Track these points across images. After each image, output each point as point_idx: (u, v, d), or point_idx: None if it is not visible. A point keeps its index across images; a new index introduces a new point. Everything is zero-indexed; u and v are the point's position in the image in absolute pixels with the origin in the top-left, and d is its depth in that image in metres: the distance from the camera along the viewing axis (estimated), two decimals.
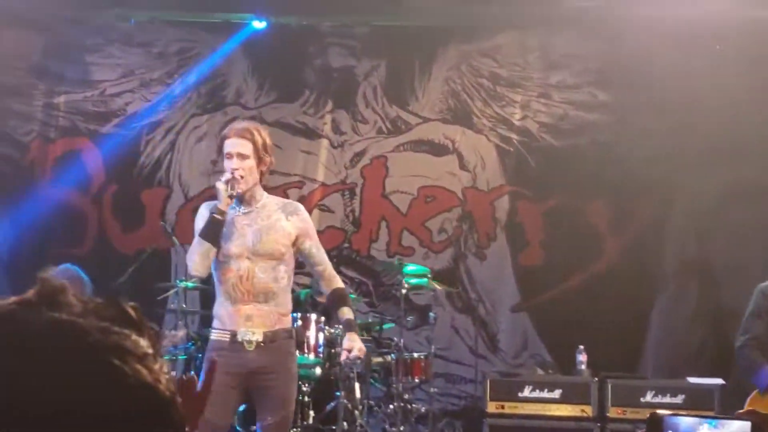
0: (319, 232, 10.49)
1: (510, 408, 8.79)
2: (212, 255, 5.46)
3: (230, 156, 5.46)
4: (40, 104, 10.85)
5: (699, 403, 8.48)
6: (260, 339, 5.46)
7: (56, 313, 0.99)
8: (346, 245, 10.76)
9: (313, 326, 9.02)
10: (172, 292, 9.30)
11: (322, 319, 9.04)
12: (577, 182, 10.53)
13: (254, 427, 8.32)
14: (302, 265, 10.48)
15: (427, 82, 10.88)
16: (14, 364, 0.94)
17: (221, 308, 5.57)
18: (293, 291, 10.29)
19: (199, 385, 1.49)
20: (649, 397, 8.71)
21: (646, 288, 10.39)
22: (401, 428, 8.77)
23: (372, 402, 9.17)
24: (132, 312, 1.06)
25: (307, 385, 8.93)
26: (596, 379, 8.87)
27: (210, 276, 5.61)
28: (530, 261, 10.59)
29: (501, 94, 10.84)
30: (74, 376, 0.94)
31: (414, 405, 9.16)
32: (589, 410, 8.75)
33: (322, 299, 9.38)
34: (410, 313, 9.60)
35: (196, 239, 5.50)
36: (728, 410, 7.34)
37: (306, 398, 8.85)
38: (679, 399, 8.65)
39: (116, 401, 0.96)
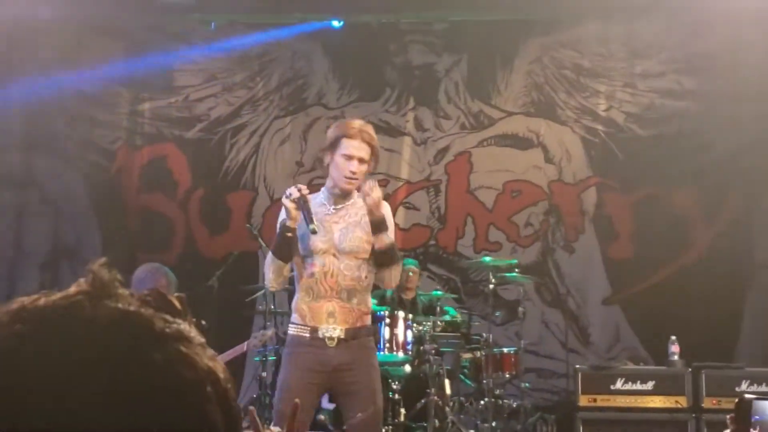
0: (404, 230, 10.65)
1: (602, 401, 8.63)
2: (286, 272, 5.40)
3: (350, 158, 5.37)
4: (125, 112, 10.99)
5: None
6: (342, 336, 5.31)
7: (116, 304, 0.97)
8: (432, 242, 10.70)
9: (401, 324, 8.97)
10: (260, 293, 9.32)
11: (410, 316, 9.00)
12: (665, 172, 10.34)
13: (345, 426, 8.33)
14: None
15: (509, 75, 10.79)
16: (88, 357, 0.92)
17: (302, 303, 5.36)
18: (379, 288, 10.31)
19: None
20: (744, 386, 8.50)
21: (738, 276, 10.17)
22: (493, 424, 8.68)
23: (463, 398, 9.09)
24: (177, 303, 1.05)
25: (396, 383, 8.89)
26: (690, 369, 8.67)
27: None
28: (620, 253, 10.42)
29: (585, 84, 10.71)
30: (148, 365, 0.93)
31: (505, 401, 9.06)
32: (683, 401, 8.56)
33: (406, 295, 9.36)
34: (499, 308, 9.50)
35: (270, 255, 5.42)
36: None
37: (396, 396, 8.80)
38: None
39: (190, 387, 0.95)
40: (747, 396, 4.20)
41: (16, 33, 10.57)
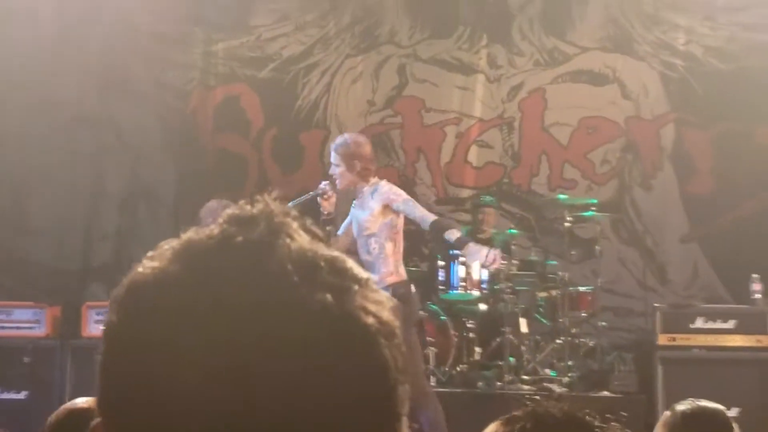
0: (477, 168, 10.57)
1: (682, 340, 8.51)
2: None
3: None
4: (199, 52, 10.99)
5: None
6: None
7: (293, 242, 0.91)
8: (506, 180, 10.61)
9: (476, 263, 8.95)
10: (329, 227, 9.31)
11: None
12: (746, 107, 10.10)
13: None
14: (459, 202, 10.46)
15: (585, 10, 10.57)
16: (269, 299, 0.88)
17: None
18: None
19: None
20: None
21: None
22: (569, 363, 8.63)
23: (538, 337, 9.05)
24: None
25: (471, 321, 8.88)
26: None
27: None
28: (699, 189, 10.24)
29: (663, 18, 10.47)
30: (331, 311, 0.89)
31: (582, 339, 9.01)
32: (765, 340, 8.40)
33: (483, 234, 9.30)
34: (574, 246, 9.40)
35: None
36: None
37: (471, 335, 8.80)
38: None
39: (370, 335, 0.91)
40: None
41: None
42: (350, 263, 0.93)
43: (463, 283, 8.95)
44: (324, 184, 6.98)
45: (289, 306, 0.87)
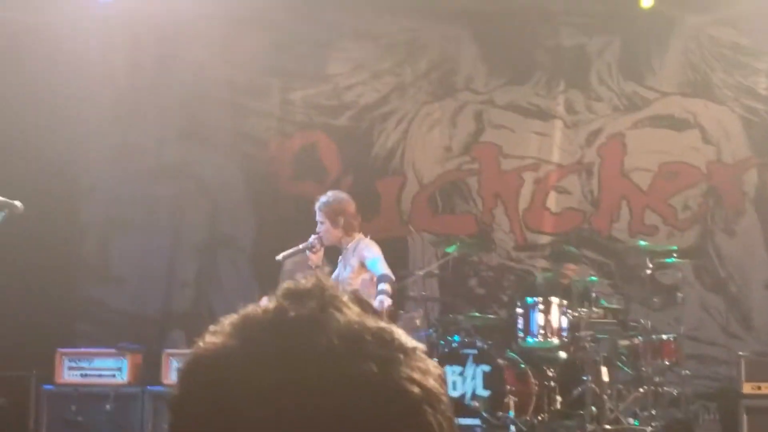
0: (556, 214, 10.48)
1: (767, 389, 8.32)
2: None
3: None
4: (277, 101, 11.10)
5: None
6: None
7: (341, 315, 0.97)
8: (585, 226, 10.49)
9: (555, 310, 8.89)
10: (411, 279, 9.31)
11: (565, 302, 8.87)
12: None
13: (501, 413, 8.26)
14: (538, 248, 10.39)
15: (664, 55, 10.48)
16: (318, 371, 0.93)
17: None
18: (532, 274, 10.20)
19: None
20: None
21: None
22: (652, 412, 8.46)
23: (620, 386, 8.89)
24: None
25: (551, 369, 8.76)
26: None
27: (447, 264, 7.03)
28: None
29: (743, 63, 10.36)
30: (376, 381, 0.94)
31: (665, 388, 8.83)
32: None
33: (564, 279, 9.21)
34: (656, 293, 9.25)
35: None
36: None
37: (552, 383, 8.68)
38: None
39: (414, 404, 0.95)
40: None
41: (170, 28, 10.77)
42: (397, 333, 0.98)
43: (543, 331, 8.85)
44: (313, 238, 7.42)
45: (336, 379, 0.92)
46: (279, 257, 7.54)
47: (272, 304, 0.98)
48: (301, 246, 7.44)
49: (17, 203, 6.87)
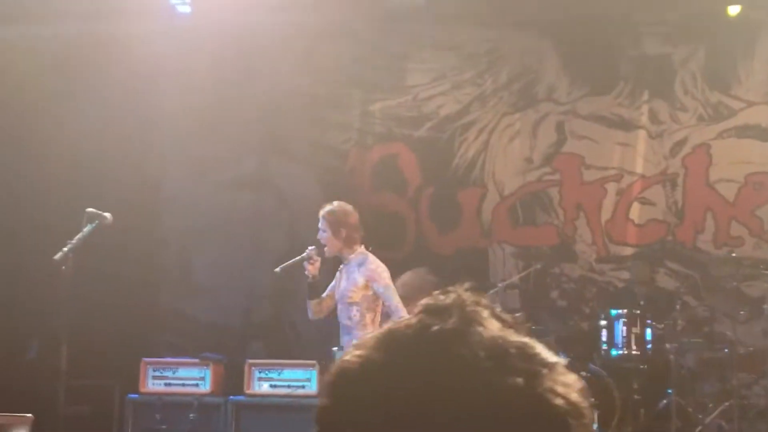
0: (639, 226, 10.34)
1: None
2: (314, 307, 7.50)
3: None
4: (357, 113, 11.12)
5: None
6: None
7: (484, 330, 1.01)
8: (670, 238, 10.33)
9: (639, 322, 8.78)
10: (491, 291, 9.25)
11: (649, 314, 8.76)
12: None
13: None
14: (621, 260, 10.24)
15: (750, 64, 10.29)
16: (463, 386, 0.96)
17: None
18: (615, 286, 10.06)
19: None
20: None
21: None
22: (738, 425, 8.28)
23: (706, 399, 8.72)
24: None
25: (635, 382, 8.64)
26: None
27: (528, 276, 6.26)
28: None
29: None
30: (521, 395, 0.97)
31: (752, 401, 8.65)
32: None
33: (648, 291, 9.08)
34: (743, 306, 9.08)
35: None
36: None
37: (636, 396, 8.56)
38: None
39: (557, 418, 0.98)
40: None
41: (250, 40, 10.85)
42: (539, 348, 1.01)
43: (627, 343, 8.73)
44: (310, 249, 7.50)
45: (483, 390, 0.95)
46: (277, 269, 7.67)
47: (414, 319, 1.02)
48: (299, 257, 7.54)
49: (107, 215, 6.99)
